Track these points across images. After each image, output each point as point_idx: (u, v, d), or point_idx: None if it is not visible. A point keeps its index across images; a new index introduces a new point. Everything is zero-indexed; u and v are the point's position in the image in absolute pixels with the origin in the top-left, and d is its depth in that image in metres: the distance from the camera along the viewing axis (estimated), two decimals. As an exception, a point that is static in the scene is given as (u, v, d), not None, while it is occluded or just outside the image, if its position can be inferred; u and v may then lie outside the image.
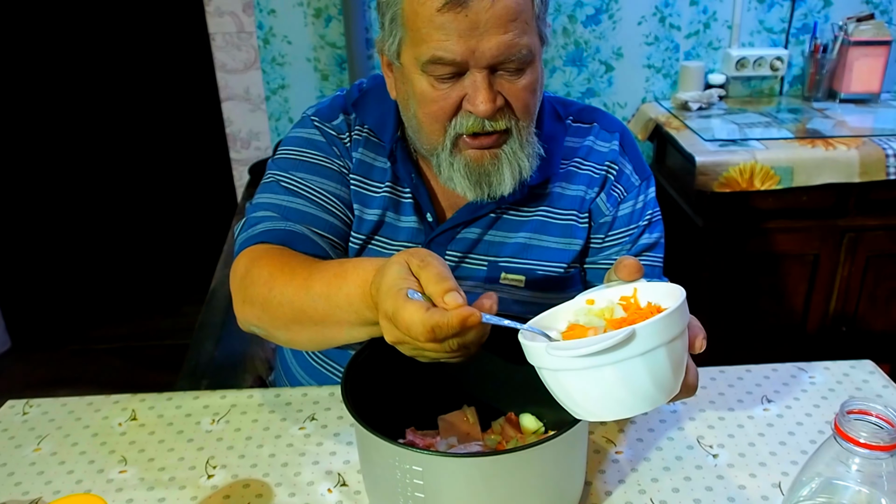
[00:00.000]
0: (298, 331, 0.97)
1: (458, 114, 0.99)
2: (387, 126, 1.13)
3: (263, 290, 0.98)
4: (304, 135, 1.16)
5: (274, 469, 0.97)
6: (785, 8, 2.55)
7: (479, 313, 0.72)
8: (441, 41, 0.93)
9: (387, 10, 0.98)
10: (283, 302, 0.95)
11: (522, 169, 1.04)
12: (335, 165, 1.14)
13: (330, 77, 2.61)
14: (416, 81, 0.98)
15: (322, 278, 0.91)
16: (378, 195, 1.13)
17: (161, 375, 1.18)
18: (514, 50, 0.94)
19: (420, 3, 0.92)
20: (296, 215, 1.09)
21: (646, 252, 1.16)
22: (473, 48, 0.92)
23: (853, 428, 0.64)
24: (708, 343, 0.79)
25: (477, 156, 1.02)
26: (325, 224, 1.10)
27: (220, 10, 2.49)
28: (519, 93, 0.99)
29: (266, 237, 1.06)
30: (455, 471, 0.76)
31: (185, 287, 3.36)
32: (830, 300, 2.24)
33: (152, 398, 1.13)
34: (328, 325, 0.92)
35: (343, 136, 1.14)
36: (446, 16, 0.91)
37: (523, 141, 1.02)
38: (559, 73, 2.62)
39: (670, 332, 0.69)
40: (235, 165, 2.71)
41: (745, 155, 2.04)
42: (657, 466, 0.96)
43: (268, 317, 0.99)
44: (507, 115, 1.00)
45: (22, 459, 1.01)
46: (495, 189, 1.04)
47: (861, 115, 2.38)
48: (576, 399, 0.73)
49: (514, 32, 0.93)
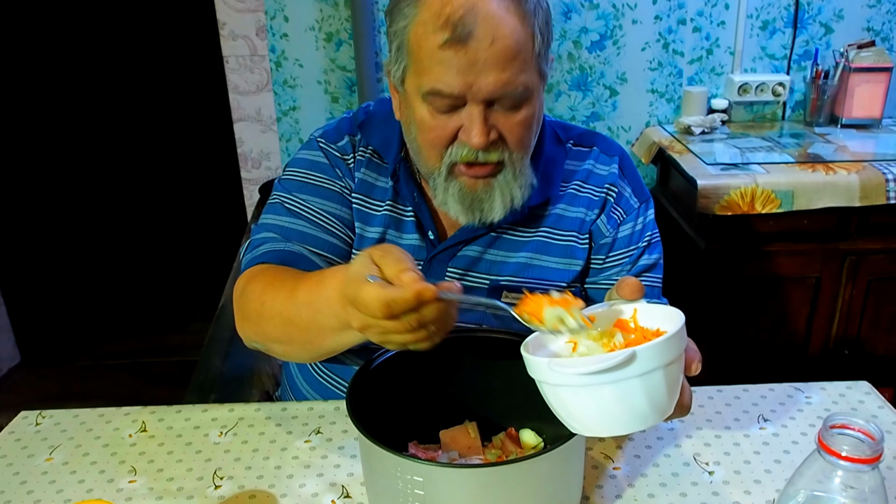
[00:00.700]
0: (289, 341, 1.02)
1: (454, 143, 1.02)
2: (391, 147, 1.16)
3: (256, 304, 1.04)
4: (308, 157, 1.20)
5: (279, 480, 1.00)
6: (787, 35, 2.59)
7: (434, 288, 0.75)
8: (441, 75, 0.96)
9: (394, 38, 1.02)
10: (273, 314, 1.00)
11: (514, 198, 1.07)
12: (337, 187, 1.17)
13: (340, 99, 2.65)
14: (417, 108, 1.02)
15: (305, 286, 0.96)
16: (379, 213, 1.17)
17: (169, 391, 1.21)
18: (511, 88, 0.97)
19: (424, 38, 0.96)
20: (297, 236, 1.14)
21: (645, 273, 1.19)
22: (471, 83, 0.96)
23: (836, 442, 0.66)
24: (708, 364, 0.81)
25: (471, 183, 1.05)
26: (324, 244, 1.14)
27: (233, 33, 2.55)
28: (514, 127, 1.02)
29: (267, 258, 1.12)
30: (455, 481, 0.78)
31: (194, 304, 3.39)
32: (832, 323, 2.25)
33: (162, 410, 1.16)
34: (313, 332, 0.96)
35: (347, 157, 1.18)
36: (447, 52, 0.94)
37: (516, 172, 1.06)
38: (564, 97, 2.66)
39: (669, 356, 0.72)
40: (246, 185, 2.75)
41: (747, 178, 2.07)
42: (654, 483, 0.98)
43: (262, 331, 1.05)
44: (502, 147, 1.03)
45: (34, 469, 1.04)
46: (486, 215, 1.08)
47: (862, 140, 2.40)
48: (573, 414, 0.76)
49: (512, 71, 0.96)
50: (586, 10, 2.54)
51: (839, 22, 2.58)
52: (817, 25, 2.58)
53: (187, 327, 3.36)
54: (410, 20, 0.98)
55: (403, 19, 0.99)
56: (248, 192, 2.76)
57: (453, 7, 0.93)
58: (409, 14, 0.98)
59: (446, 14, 0.93)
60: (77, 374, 3.15)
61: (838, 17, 2.57)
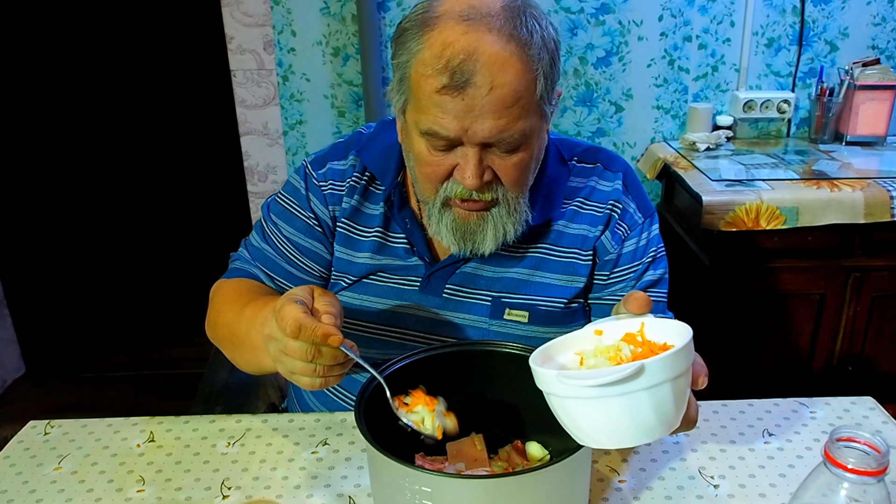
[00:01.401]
0: (232, 350, 1.15)
1: (449, 178, 1.03)
2: (388, 171, 1.18)
3: (214, 314, 1.19)
4: (293, 182, 1.25)
5: (287, 491, 1.00)
6: (792, 52, 2.61)
7: (341, 338, 0.84)
8: (438, 117, 0.96)
9: (397, 70, 1.02)
10: (223, 324, 1.14)
11: (507, 232, 1.09)
12: (304, 217, 1.21)
13: (346, 114, 2.67)
14: (416, 142, 1.03)
15: (255, 305, 1.06)
16: (367, 239, 1.19)
17: (174, 403, 1.22)
18: (506, 134, 0.97)
19: (423, 78, 0.96)
20: (261, 259, 1.24)
21: (650, 288, 1.19)
22: (467, 128, 0.96)
23: (842, 455, 0.67)
24: (713, 379, 0.82)
25: (464, 215, 1.07)
26: (281, 271, 1.23)
27: (241, 47, 2.57)
28: (509, 169, 1.02)
29: (235, 274, 1.25)
30: (463, 492, 0.79)
31: (199, 316, 3.38)
32: (836, 340, 2.25)
33: (170, 421, 1.17)
34: (247, 346, 1.06)
35: (337, 182, 1.20)
36: (444, 97, 0.95)
37: (511, 209, 1.07)
38: (570, 112, 2.67)
39: (676, 369, 0.73)
40: (252, 198, 2.77)
41: (752, 195, 2.08)
42: (659, 495, 0.98)
43: (217, 337, 1.19)
44: (496, 187, 1.04)
45: (43, 478, 1.04)
46: (478, 247, 1.09)
47: (867, 157, 2.41)
48: (580, 426, 0.77)
49: (509, 118, 0.96)
50: (592, 27, 2.56)
51: (844, 40, 2.59)
52: (822, 43, 2.60)
53: (191, 340, 3.35)
54: (413, 56, 0.97)
55: (407, 53, 0.98)
56: (254, 206, 2.77)
57: (454, 51, 0.93)
58: (412, 49, 0.98)
59: (446, 58, 0.93)
60: (82, 385, 3.15)
61: (843, 34, 2.59)
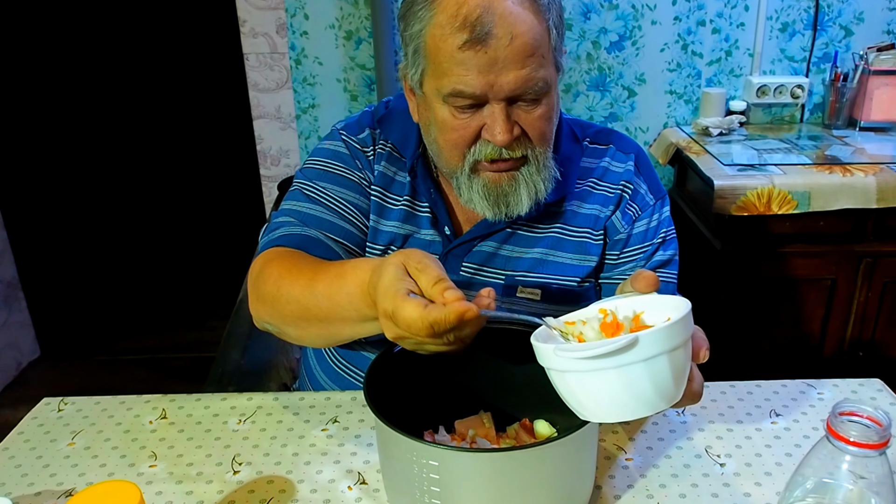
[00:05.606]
0: (306, 327, 1.04)
1: (477, 141, 1.04)
2: (409, 143, 1.18)
3: (272, 288, 1.05)
4: (330, 147, 1.22)
5: (297, 467, 1.02)
6: (806, 37, 2.59)
7: (476, 308, 0.77)
8: (462, 76, 0.97)
9: (410, 42, 1.03)
10: (290, 300, 1.02)
11: (539, 191, 1.09)
12: (355, 177, 1.19)
13: (359, 97, 2.68)
14: (438, 110, 1.03)
15: (325, 278, 0.97)
16: (396, 208, 1.19)
17: (186, 386, 1.23)
18: (531, 83, 0.99)
19: (442, 40, 0.97)
20: (314, 221, 1.15)
21: (660, 269, 1.19)
22: (492, 83, 0.97)
23: (844, 428, 0.67)
24: (723, 364, 0.82)
25: (495, 178, 1.07)
26: (340, 230, 1.16)
27: (254, 31, 2.58)
28: (535, 122, 1.03)
29: (283, 241, 1.14)
30: (470, 465, 0.80)
31: (212, 301, 3.41)
32: (847, 325, 2.24)
33: (182, 399, 1.18)
34: (332, 322, 0.98)
35: (367, 150, 1.20)
36: (467, 53, 0.96)
37: (540, 165, 1.07)
38: (583, 97, 2.67)
39: (672, 341, 0.73)
40: (265, 181, 2.78)
41: (763, 179, 2.07)
42: (665, 473, 0.99)
43: (277, 314, 1.06)
44: (524, 143, 1.04)
45: (57, 453, 1.06)
46: (513, 209, 1.09)
47: (880, 143, 2.40)
48: (580, 400, 0.77)
49: (531, 67, 0.98)
50: (605, 11, 2.55)
51: (859, 25, 2.57)
52: (837, 28, 2.58)
53: (205, 324, 3.38)
54: (426, 23, 0.99)
55: (419, 23, 1.00)
56: (266, 189, 2.79)
57: (469, 8, 0.95)
58: (424, 17, 0.99)
59: (463, 15, 0.95)
60: (96, 368, 3.18)
61: (858, 19, 2.57)
